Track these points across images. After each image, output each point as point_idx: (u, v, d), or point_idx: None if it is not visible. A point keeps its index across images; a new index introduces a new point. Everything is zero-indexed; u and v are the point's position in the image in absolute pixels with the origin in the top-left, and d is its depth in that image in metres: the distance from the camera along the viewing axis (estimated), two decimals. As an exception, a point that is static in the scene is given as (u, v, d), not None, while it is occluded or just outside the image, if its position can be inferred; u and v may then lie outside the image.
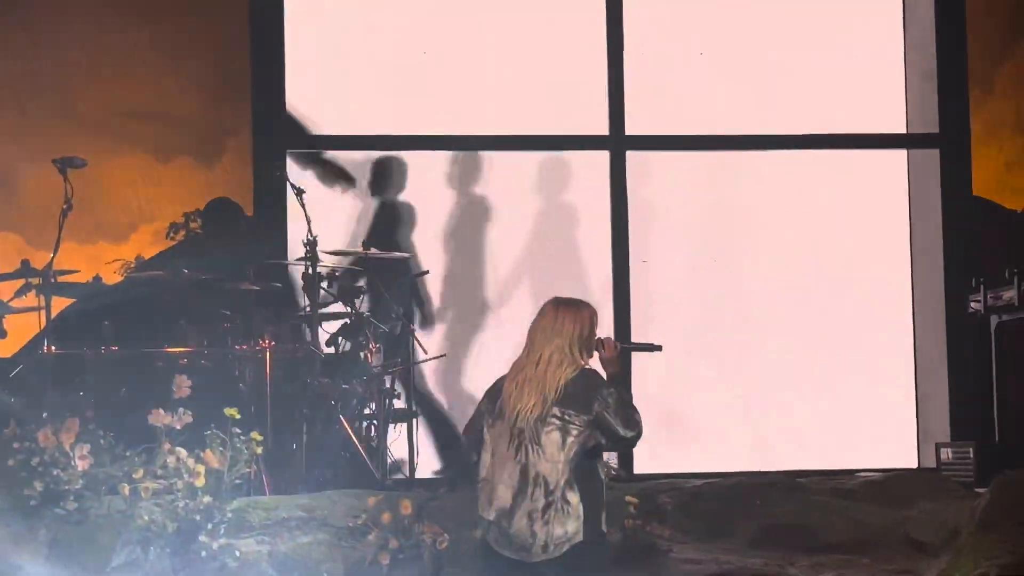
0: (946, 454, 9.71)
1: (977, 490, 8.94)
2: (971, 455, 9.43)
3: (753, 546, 8.55)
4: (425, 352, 9.28)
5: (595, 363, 6.59)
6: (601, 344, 6.62)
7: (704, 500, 9.08)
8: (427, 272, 9.31)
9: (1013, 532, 7.79)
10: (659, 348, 6.92)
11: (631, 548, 8.15)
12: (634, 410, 6.55)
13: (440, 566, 7.56)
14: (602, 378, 6.56)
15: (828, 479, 9.59)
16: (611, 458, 8.72)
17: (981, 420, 9.99)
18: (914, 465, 10.63)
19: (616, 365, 6.63)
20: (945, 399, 10.78)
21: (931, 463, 10.07)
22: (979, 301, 9.69)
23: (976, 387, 10.21)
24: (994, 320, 9.61)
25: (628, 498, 8.66)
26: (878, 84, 11.05)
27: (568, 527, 6.45)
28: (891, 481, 9.46)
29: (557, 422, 6.44)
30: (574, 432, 6.44)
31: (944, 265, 10.79)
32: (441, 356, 9.60)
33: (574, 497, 6.46)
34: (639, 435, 6.54)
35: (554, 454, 6.44)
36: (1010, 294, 9.34)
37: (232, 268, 8.98)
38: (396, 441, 9.12)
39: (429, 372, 9.91)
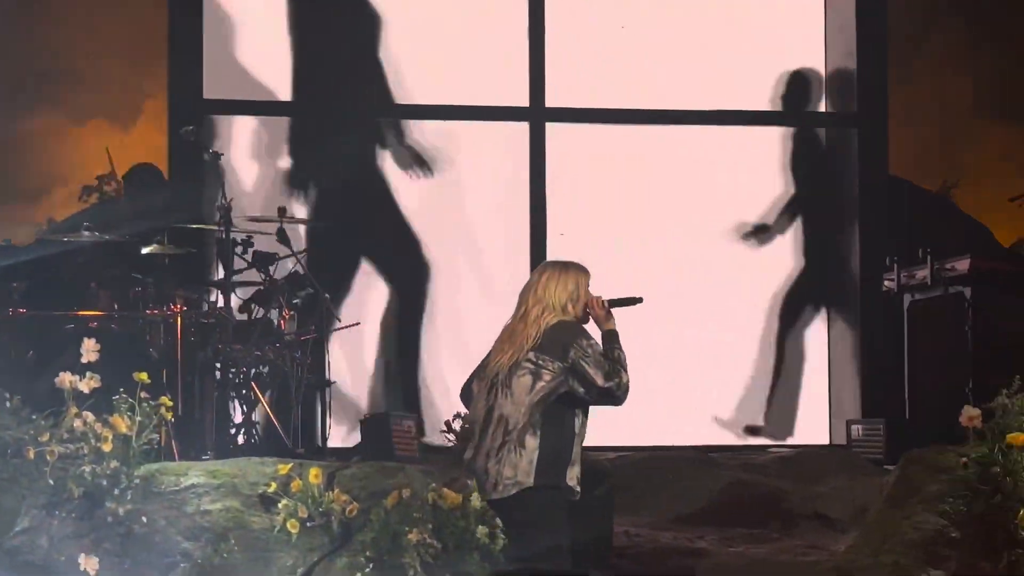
0: (857, 431, 9.77)
1: (886, 467, 9.00)
2: (881, 432, 9.48)
3: (664, 520, 8.58)
4: (339, 320, 9.22)
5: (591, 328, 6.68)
6: (591, 303, 6.71)
7: (616, 474, 9.10)
8: (329, 224, 9.24)
9: (919, 509, 7.85)
10: (640, 300, 6.95)
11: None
12: (619, 365, 6.58)
13: (349, 534, 7.52)
14: (583, 329, 6.63)
15: (739, 455, 9.65)
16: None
17: (892, 398, 10.05)
18: (825, 442, 10.69)
19: (609, 323, 6.71)
20: (857, 377, 10.83)
21: (842, 440, 10.13)
22: (892, 280, 9.73)
23: (888, 365, 10.28)
24: (907, 299, 9.66)
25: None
26: (798, 62, 11.09)
27: (518, 470, 6.48)
28: (802, 457, 9.54)
29: (530, 366, 6.52)
30: (546, 377, 6.50)
31: (859, 243, 10.84)
32: (355, 325, 9.53)
33: (532, 441, 6.49)
34: (621, 389, 6.55)
35: (521, 397, 6.51)
36: (923, 273, 9.39)
37: (146, 232, 8.88)
38: (309, 409, 9.06)
39: (343, 340, 9.84)
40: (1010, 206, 10.83)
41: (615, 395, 6.58)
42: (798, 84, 11.07)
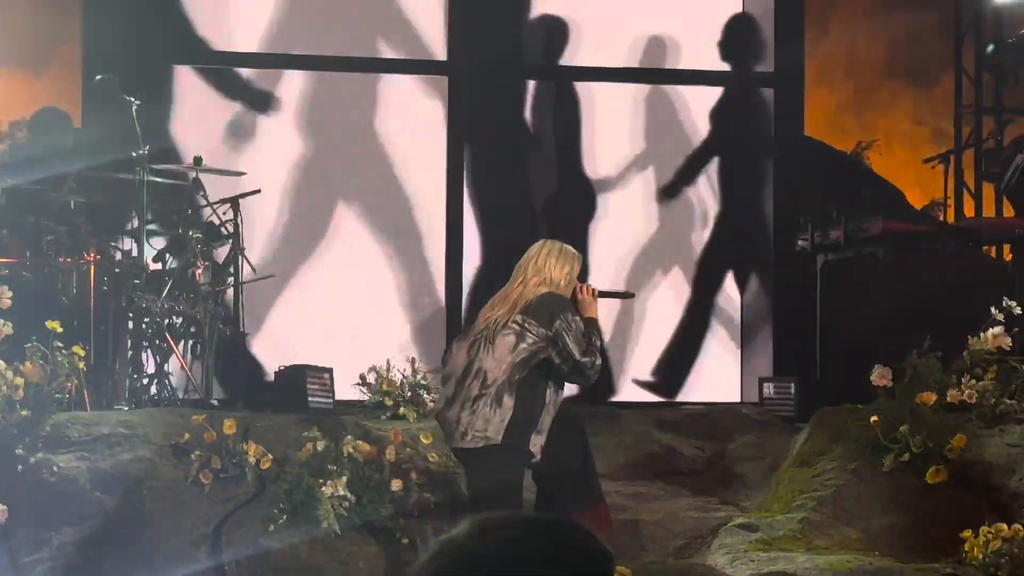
0: (768, 389, 9.84)
1: (797, 425, 9.10)
2: (792, 391, 9.57)
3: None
4: (254, 271, 9.16)
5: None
6: (579, 288, 7.02)
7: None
8: (259, 191, 9.15)
9: (828, 467, 7.94)
10: (632, 296, 7.54)
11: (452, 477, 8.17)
12: (595, 348, 6.87)
13: (263, 486, 7.50)
14: (571, 304, 6.92)
15: (651, 411, 9.69)
16: None
17: (804, 357, 10.14)
18: (737, 399, 10.77)
19: (592, 310, 7.02)
20: (770, 335, 10.91)
21: (754, 398, 10.21)
22: (806, 239, 9.81)
23: (800, 324, 10.36)
24: (820, 259, 9.74)
25: (422, 438, 8.66)
26: (715, 22, 11.10)
27: (489, 426, 6.74)
28: (713, 415, 9.60)
29: (516, 327, 6.80)
30: (529, 340, 6.79)
31: (774, 203, 10.90)
32: (270, 276, 9.48)
33: (508, 401, 6.75)
34: (593, 369, 6.86)
35: (503, 354, 6.78)
36: (837, 233, 9.47)
37: (57, 179, 8.76)
38: (223, 361, 9.02)
39: (258, 292, 9.78)
40: (923, 168, 10.96)
41: (586, 372, 6.87)
42: (714, 43, 11.08)
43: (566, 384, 7.07)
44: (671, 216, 10.96)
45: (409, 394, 8.97)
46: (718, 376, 10.95)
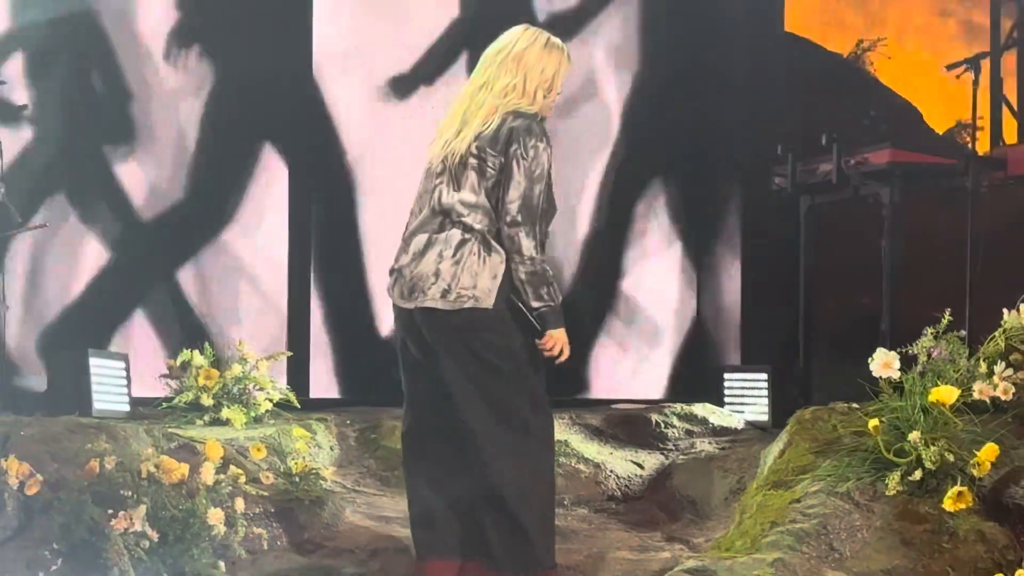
0: (732, 383, 9.93)
1: (770, 431, 9.20)
2: (765, 384, 9.67)
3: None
4: (20, 219, 9.16)
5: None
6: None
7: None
8: (25, 107, 9.17)
9: (812, 489, 8.02)
10: None
11: (295, 504, 8.22)
12: (542, 207, 7.03)
13: (30, 518, 7.49)
14: (538, 127, 7.05)
15: (569, 411, 9.75)
16: None
17: (781, 339, 10.25)
18: (690, 397, 10.86)
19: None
20: (736, 310, 11.01)
21: (714, 395, 10.30)
22: (785, 175, 9.88)
23: (776, 294, 10.47)
24: (805, 202, 9.81)
25: (297, 431, 8.70)
26: None
27: (479, 282, 6.98)
28: (656, 417, 9.68)
29: (474, 160, 7.05)
30: (487, 175, 7.04)
31: (743, 126, 10.97)
32: (41, 227, 9.47)
33: (497, 257, 7.00)
34: (515, 246, 6.98)
35: (470, 196, 7.03)
36: (827, 167, 9.53)
37: None
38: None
39: (24, 249, 9.78)
40: (946, 77, 11.06)
41: (514, 241, 7.00)
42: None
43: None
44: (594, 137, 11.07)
45: (236, 390, 9.00)
46: (663, 365, 11.06)
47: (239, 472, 7.90)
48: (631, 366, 11.09)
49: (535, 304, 7.00)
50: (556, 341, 7.04)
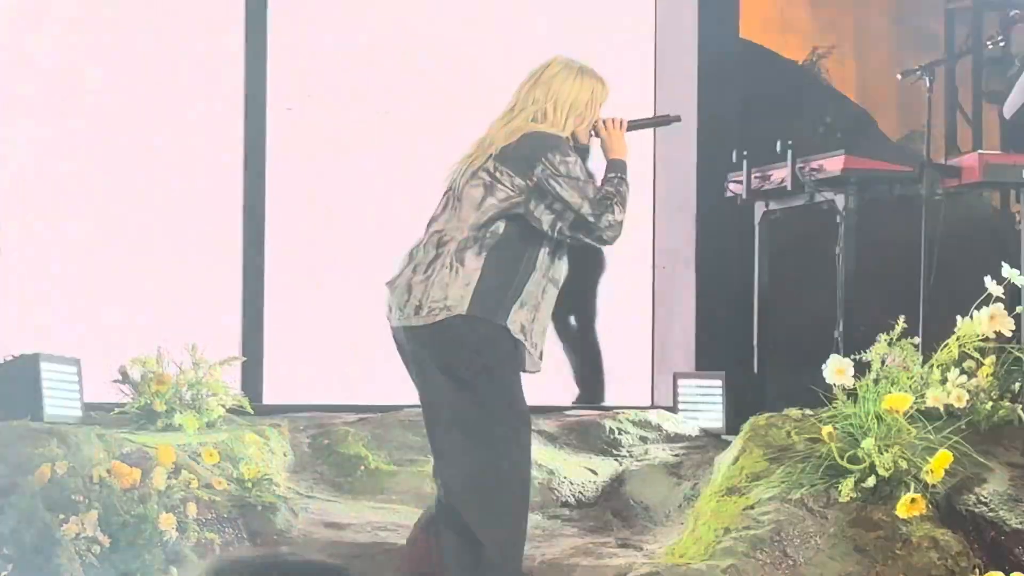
0: (687, 389, 9.94)
1: (724, 437, 9.20)
2: (719, 390, 9.68)
3: (421, 507, 8.69)
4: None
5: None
6: (601, 124, 7.23)
7: (354, 443, 9.20)
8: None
9: (765, 496, 8.04)
10: (677, 119, 7.56)
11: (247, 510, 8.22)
12: (615, 199, 7.06)
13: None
14: (561, 142, 7.04)
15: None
16: None
17: (736, 345, 10.26)
18: (646, 403, 10.87)
19: (618, 148, 7.23)
20: (691, 315, 11.02)
21: (668, 401, 10.31)
22: (740, 182, 9.89)
23: (731, 300, 10.48)
24: (759, 208, 9.83)
25: (250, 437, 8.69)
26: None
27: (449, 291, 6.92)
28: (610, 424, 9.68)
29: (485, 177, 6.99)
30: (500, 194, 6.97)
31: (697, 132, 10.99)
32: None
33: (473, 262, 6.94)
34: (607, 225, 7.03)
35: (467, 213, 7.00)
36: (781, 173, 9.55)
37: None
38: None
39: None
40: (900, 86, 11.08)
41: (598, 229, 7.03)
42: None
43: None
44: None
45: (189, 395, 8.98)
46: (618, 370, 11.06)
47: (191, 477, 7.89)
48: (585, 371, 11.08)
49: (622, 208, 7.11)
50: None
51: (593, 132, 7.26)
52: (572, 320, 11.07)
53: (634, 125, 7.34)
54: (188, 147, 10.65)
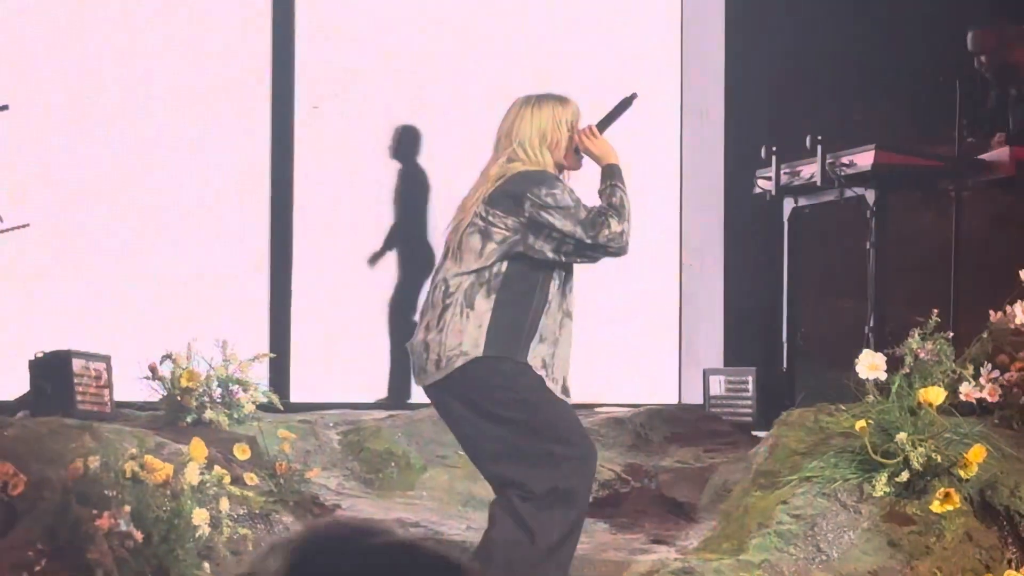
0: (717, 385, 9.94)
1: (755, 434, 9.19)
2: (750, 386, 9.67)
3: (450, 503, 8.68)
4: (0, 219, 9.13)
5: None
6: (577, 137, 7.15)
7: (385, 439, 9.19)
8: (6, 107, 9.11)
9: (798, 491, 8.02)
10: (632, 98, 7.40)
11: (279, 505, 8.20)
12: (611, 211, 6.99)
13: (12, 518, 7.46)
14: (546, 176, 7.01)
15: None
16: None
17: (766, 341, 10.25)
18: (675, 400, 10.87)
19: (607, 156, 7.16)
20: (719, 312, 11.02)
21: (698, 397, 10.30)
22: (769, 179, 9.87)
23: (760, 296, 10.47)
24: (788, 205, 9.82)
25: (281, 433, 8.69)
26: None
27: (465, 336, 6.89)
28: (642, 419, 9.68)
29: (480, 224, 6.97)
30: (496, 237, 6.95)
31: (724, 128, 10.98)
32: (23, 227, 9.43)
33: (484, 303, 6.91)
34: (613, 237, 6.97)
35: (469, 261, 6.97)
36: (811, 169, 9.54)
37: None
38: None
39: (6, 249, 9.74)
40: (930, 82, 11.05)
41: (604, 247, 6.99)
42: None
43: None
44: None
45: (219, 391, 8.98)
46: (647, 367, 11.05)
47: (223, 473, 7.87)
48: (618, 369, 11.06)
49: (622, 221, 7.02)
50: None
51: (579, 149, 7.19)
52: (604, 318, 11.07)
53: (603, 125, 7.26)
54: (217, 148, 10.66)
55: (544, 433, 6.91)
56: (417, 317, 7.18)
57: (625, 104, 7.39)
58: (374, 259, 10.75)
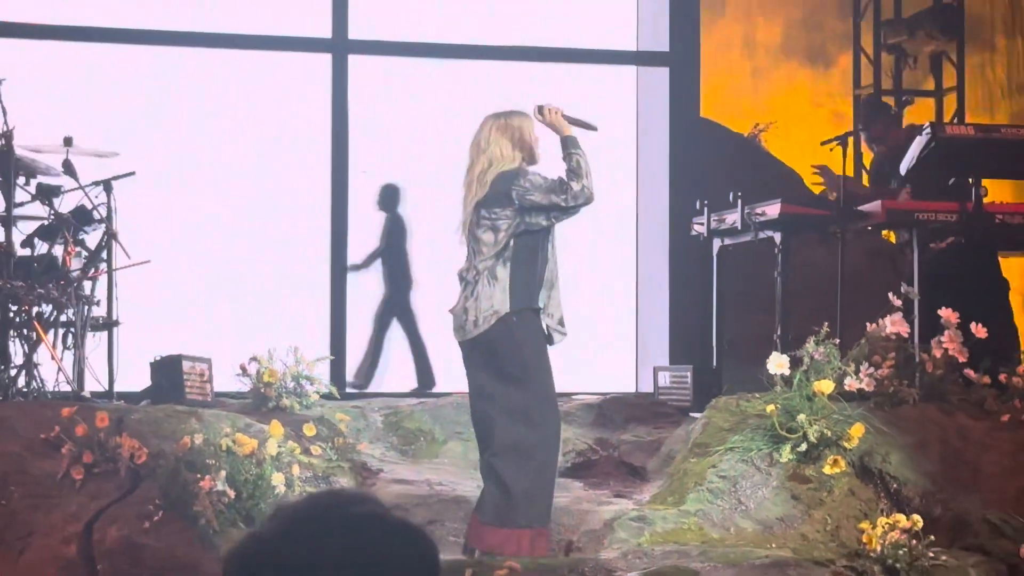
0: (664, 378, 9.89)
1: (693, 415, 9.14)
2: (689, 380, 9.62)
3: (465, 468, 8.62)
4: (128, 257, 9.04)
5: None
6: (540, 111, 7.26)
7: (416, 420, 9.13)
8: (132, 174, 9.04)
9: (724, 458, 7.98)
10: (595, 128, 7.47)
11: (337, 470, 8.15)
12: (575, 173, 7.10)
13: (137, 481, 7.41)
14: (521, 169, 7.12)
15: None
16: None
17: (701, 345, 10.19)
18: (632, 389, 10.81)
19: (564, 128, 7.24)
20: (666, 323, 10.97)
21: (648, 388, 10.24)
22: (702, 224, 9.84)
23: (696, 312, 10.42)
24: (716, 243, 9.78)
25: (339, 416, 8.65)
26: (610, 1, 11.14)
27: (495, 299, 7.02)
28: (607, 405, 9.63)
29: (488, 223, 7.07)
30: (503, 227, 7.06)
31: (670, 186, 10.95)
32: (145, 262, 9.36)
33: (504, 272, 7.04)
34: (580, 193, 7.09)
35: (489, 250, 7.07)
36: (733, 217, 9.51)
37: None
38: (95, 351, 8.90)
39: (133, 278, 9.67)
40: (821, 150, 11.01)
41: (573, 203, 7.09)
42: (608, 21, 11.13)
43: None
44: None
45: (292, 385, 8.93)
46: (611, 365, 11.00)
47: (295, 446, 7.83)
48: (589, 366, 11.02)
49: (582, 179, 7.11)
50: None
51: (541, 120, 7.28)
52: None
53: (567, 118, 7.33)
54: (293, 201, 10.63)
55: (531, 394, 6.99)
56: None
57: (588, 127, 7.44)
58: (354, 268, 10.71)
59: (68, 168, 8.80)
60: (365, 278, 10.74)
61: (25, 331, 8.52)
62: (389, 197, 10.83)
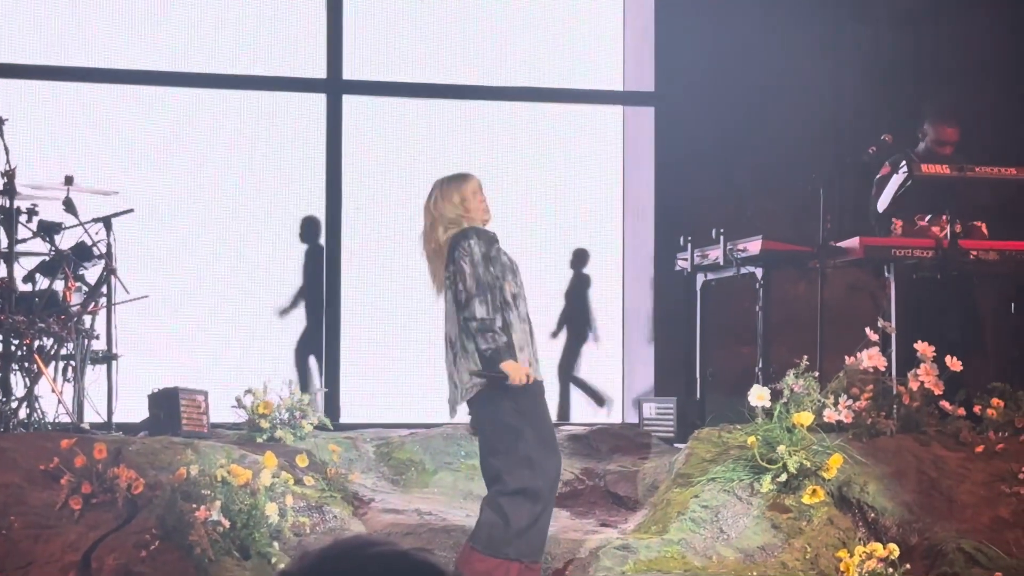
0: (649, 409, 9.93)
1: (677, 445, 9.18)
2: (672, 411, 9.66)
3: (455, 498, 8.65)
4: (127, 292, 9.10)
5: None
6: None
7: (407, 450, 9.16)
8: (131, 211, 9.10)
9: (707, 487, 8.02)
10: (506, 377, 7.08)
11: (329, 500, 8.17)
12: (476, 328, 6.85)
13: (134, 511, 7.44)
14: (465, 234, 6.94)
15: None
16: None
17: (684, 377, 10.24)
18: (618, 420, 10.85)
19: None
20: (651, 355, 11.01)
21: (633, 419, 10.28)
22: (686, 259, 9.90)
23: (680, 345, 10.47)
24: (700, 278, 9.84)
25: (331, 446, 8.69)
26: (597, 41, 11.21)
27: (473, 369, 6.87)
28: (594, 435, 9.66)
29: (448, 282, 6.96)
30: (459, 286, 6.90)
31: (655, 223, 11.01)
32: (143, 297, 9.41)
33: (471, 344, 6.87)
34: (483, 305, 6.85)
35: (452, 312, 6.95)
36: (716, 253, 9.57)
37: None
38: (95, 384, 8.94)
39: (132, 313, 9.72)
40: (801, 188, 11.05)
41: (464, 315, 6.89)
42: (596, 62, 11.20)
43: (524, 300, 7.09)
44: (556, 233, 11.06)
45: (286, 416, 8.97)
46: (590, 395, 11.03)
47: (289, 477, 7.86)
48: (578, 398, 11.07)
49: (482, 347, 6.87)
50: (511, 370, 6.93)
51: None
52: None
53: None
54: (288, 236, 10.67)
55: (531, 443, 6.91)
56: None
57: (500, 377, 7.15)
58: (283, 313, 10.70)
59: (69, 206, 8.86)
60: (357, 320, 10.77)
61: (26, 364, 8.57)
62: (310, 229, 10.81)
